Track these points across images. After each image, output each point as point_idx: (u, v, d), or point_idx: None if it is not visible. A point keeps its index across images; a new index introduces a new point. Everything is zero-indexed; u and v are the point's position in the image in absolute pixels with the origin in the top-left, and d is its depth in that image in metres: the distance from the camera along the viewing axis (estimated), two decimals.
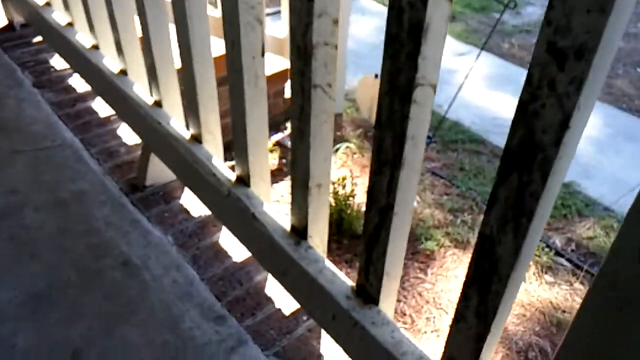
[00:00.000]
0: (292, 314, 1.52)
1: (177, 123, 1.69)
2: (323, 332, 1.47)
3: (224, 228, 1.76)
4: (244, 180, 1.47)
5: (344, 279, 1.25)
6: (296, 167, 1.24)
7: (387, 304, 1.22)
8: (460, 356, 1.02)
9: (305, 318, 1.50)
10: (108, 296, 1.53)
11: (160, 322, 1.48)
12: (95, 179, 1.90)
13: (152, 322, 1.48)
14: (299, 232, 1.33)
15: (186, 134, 1.64)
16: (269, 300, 1.55)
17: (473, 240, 3.32)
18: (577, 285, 3.00)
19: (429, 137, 3.83)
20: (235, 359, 1.41)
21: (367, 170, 3.78)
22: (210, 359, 1.41)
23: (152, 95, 1.77)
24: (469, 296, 0.93)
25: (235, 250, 1.68)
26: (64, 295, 1.52)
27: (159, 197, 1.85)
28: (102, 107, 2.24)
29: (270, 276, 1.61)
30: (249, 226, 1.41)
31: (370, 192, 1.06)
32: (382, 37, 0.84)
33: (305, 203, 1.26)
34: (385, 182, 1.01)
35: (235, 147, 1.46)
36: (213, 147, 1.62)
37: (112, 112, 2.20)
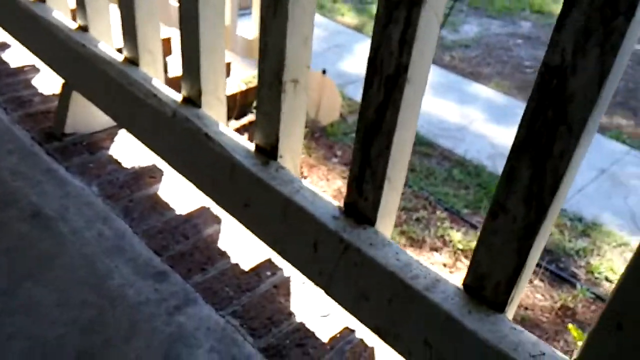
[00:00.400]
0: (253, 269, 1.22)
1: (106, 46, 1.38)
2: (294, 286, 1.19)
3: (163, 179, 1.44)
4: (193, 101, 1.18)
5: (328, 199, 0.98)
6: (266, 54, 0.98)
7: (385, 225, 0.96)
8: (494, 270, 0.77)
9: (269, 273, 1.21)
10: (11, 251, 1.17)
11: (80, 279, 1.13)
12: (0, 127, 1.53)
13: (69, 280, 1.13)
14: (267, 151, 1.05)
15: (119, 57, 1.34)
16: (222, 254, 1.24)
17: (429, 239, 3.14)
18: (537, 282, 2.87)
19: None
20: (181, 319, 1.09)
21: (316, 170, 3.54)
22: (148, 320, 1.07)
23: (76, 20, 1.46)
24: (517, 172, 0.70)
25: (179, 202, 1.37)
26: None
27: (81, 147, 1.51)
28: (14, 57, 1.88)
29: (224, 229, 1.31)
30: (201, 150, 1.12)
31: (373, 58, 0.81)
32: None
33: (276, 108, 1.00)
34: (398, 33, 0.77)
35: (183, 60, 1.18)
36: (152, 70, 1.33)
37: (26, 62, 1.85)
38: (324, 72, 3.64)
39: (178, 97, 1.21)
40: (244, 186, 1.05)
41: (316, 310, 1.14)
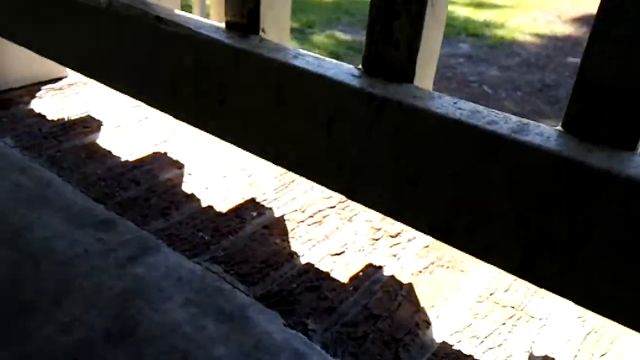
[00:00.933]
0: (232, 209, 0.90)
1: None
2: (291, 225, 0.88)
3: (102, 129, 1.12)
4: None
5: (339, 62, 0.71)
6: None
7: (427, 79, 0.69)
8: (618, 86, 0.51)
9: (254, 214, 0.90)
10: None
11: None
12: None
13: None
14: (243, 26, 0.77)
15: None
16: (189, 197, 0.92)
17: None
18: None
19: None
20: (138, 271, 0.75)
21: None
22: (89, 275, 0.73)
23: None
24: None
25: (125, 150, 1.05)
26: None
27: None
28: None
29: (188, 172, 0.99)
30: (152, 40, 0.82)
31: None
32: None
33: None
34: None
35: None
36: None
37: None
38: None
39: None
40: (218, 70, 0.76)
41: (325, 248, 0.84)
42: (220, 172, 0.99)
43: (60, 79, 1.30)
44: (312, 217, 0.90)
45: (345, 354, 0.67)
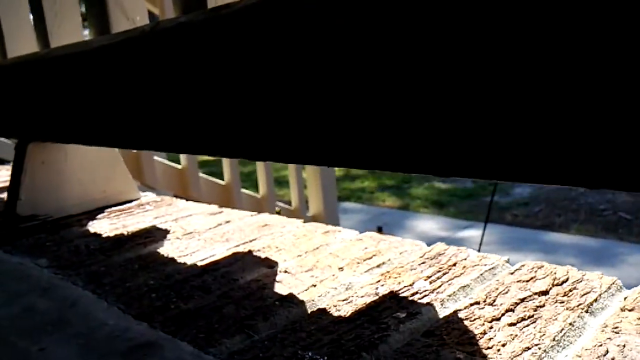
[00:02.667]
0: (362, 310, 0.51)
1: None
2: (478, 322, 0.47)
3: (169, 237, 0.81)
4: None
5: None
6: None
7: None
8: None
9: (402, 314, 0.50)
10: None
11: None
12: None
13: None
14: None
15: None
16: (286, 300, 0.55)
17: None
18: None
19: None
20: None
21: None
22: None
23: None
24: None
25: (195, 254, 0.72)
26: None
27: (39, 228, 0.92)
28: None
29: (284, 268, 0.63)
30: None
31: None
32: None
33: None
34: None
35: None
36: None
37: None
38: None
39: None
40: None
41: None
42: (334, 264, 0.63)
43: (130, 201, 1.06)
44: (512, 310, 0.49)
45: None
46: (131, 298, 0.59)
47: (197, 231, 0.81)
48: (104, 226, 0.89)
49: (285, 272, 0.62)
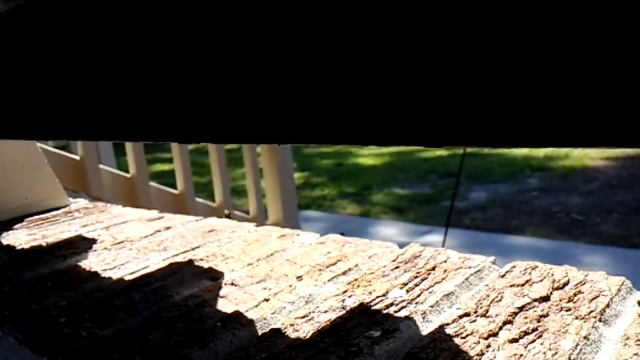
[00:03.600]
0: (328, 330, 0.41)
1: None
2: (474, 338, 0.37)
3: (95, 247, 0.68)
4: None
5: None
6: None
7: None
8: None
9: (377, 333, 0.40)
10: None
11: None
12: None
13: None
14: None
15: None
16: (230, 321, 0.44)
17: None
18: None
19: None
20: None
21: None
22: None
23: None
24: None
25: (124, 267, 0.59)
26: None
27: None
28: None
29: (228, 282, 0.52)
30: None
31: None
32: None
33: None
34: None
35: None
36: None
37: None
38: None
39: None
40: None
41: None
42: (291, 273, 0.52)
43: (57, 208, 0.91)
44: (510, 322, 0.39)
45: None
46: (34, 324, 0.46)
47: (130, 240, 0.68)
48: (20, 237, 0.75)
49: (232, 284, 0.50)
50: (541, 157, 6.76)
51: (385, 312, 0.42)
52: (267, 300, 0.46)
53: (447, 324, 0.39)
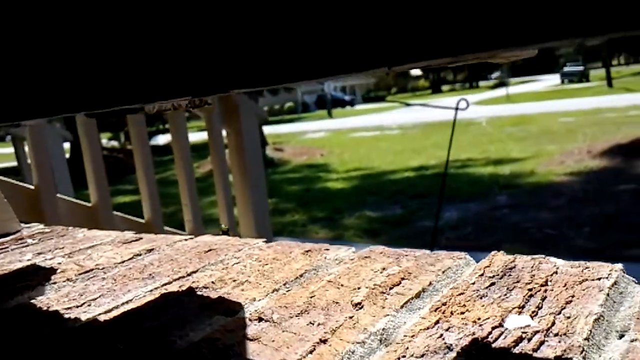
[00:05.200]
0: None
1: None
2: None
3: (55, 278, 0.51)
4: None
5: None
6: None
7: None
8: None
9: None
10: None
11: None
12: None
13: None
14: None
15: None
16: None
17: None
18: None
19: None
20: None
21: None
22: None
23: None
24: None
25: (96, 302, 0.43)
26: None
27: None
28: None
29: (246, 316, 0.36)
30: None
31: None
32: None
33: None
34: None
35: None
36: None
37: None
38: None
39: None
40: None
41: None
42: (343, 299, 0.36)
43: (6, 234, 0.73)
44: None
45: None
46: None
47: (102, 267, 0.51)
48: None
49: (260, 319, 0.34)
50: (507, 175, 6.80)
51: (519, 351, 0.27)
52: (324, 341, 0.30)
53: None
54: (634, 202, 5.10)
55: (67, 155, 3.94)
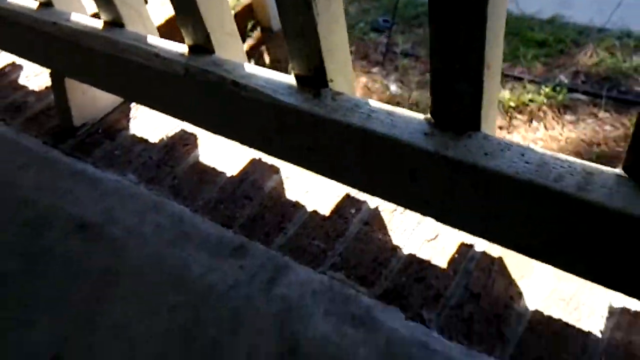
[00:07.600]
0: (334, 211, 1.04)
1: (80, 16, 1.13)
2: (385, 216, 1.01)
3: (198, 143, 1.24)
4: (202, 47, 0.95)
5: (409, 113, 0.76)
6: None
7: (491, 123, 0.75)
8: None
9: (353, 211, 1.03)
10: (71, 276, 1.02)
11: (156, 284, 0.98)
12: (4, 142, 1.34)
13: (145, 287, 0.98)
14: (312, 79, 0.83)
15: (98, 23, 1.09)
16: (295, 205, 1.06)
17: None
18: (602, 114, 2.63)
19: (387, 21, 3.32)
20: (281, 291, 0.93)
21: None
22: (248, 303, 0.92)
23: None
24: None
25: (226, 162, 1.17)
26: (11, 290, 1.01)
27: (99, 137, 1.31)
28: None
29: (285, 176, 1.12)
30: (234, 102, 0.90)
31: None
32: None
33: (309, 23, 0.76)
34: None
35: (175, 1, 0.93)
36: (141, 26, 1.08)
37: (3, 62, 1.61)
38: None
39: (183, 48, 0.97)
40: (301, 129, 0.84)
41: (421, 235, 0.97)
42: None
43: None
44: None
45: (458, 336, 0.83)
46: (211, 210, 1.08)
47: (213, 139, 1.23)
48: (144, 129, 1.28)
49: (287, 178, 1.10)
50: None
51: None
52: None
53: None
54: None
55: None
